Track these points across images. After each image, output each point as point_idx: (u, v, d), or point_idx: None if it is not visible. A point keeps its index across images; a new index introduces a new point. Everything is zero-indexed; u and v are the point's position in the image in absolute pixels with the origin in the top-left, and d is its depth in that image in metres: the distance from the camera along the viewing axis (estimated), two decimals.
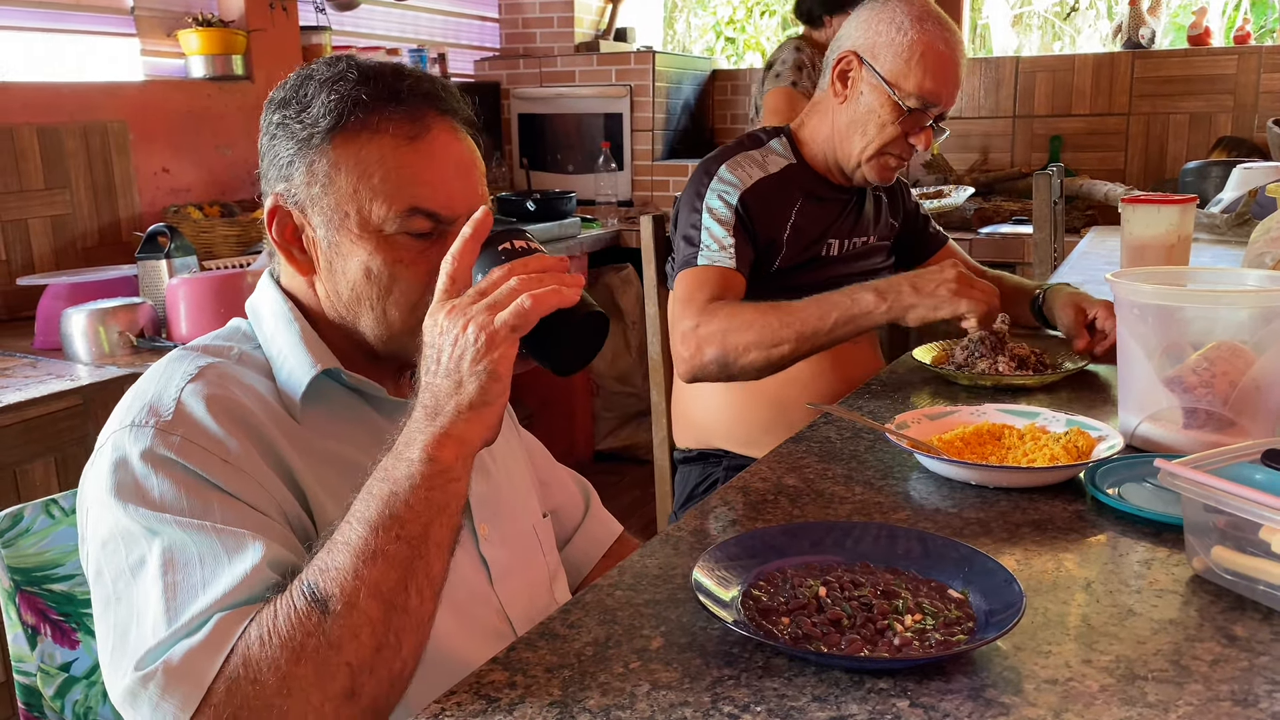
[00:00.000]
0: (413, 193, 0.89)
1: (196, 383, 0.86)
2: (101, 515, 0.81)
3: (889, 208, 1.85)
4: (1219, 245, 2.69)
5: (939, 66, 1.57)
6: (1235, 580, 0.87)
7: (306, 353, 0.92)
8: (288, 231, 0.94)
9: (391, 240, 0.90)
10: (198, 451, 0.82)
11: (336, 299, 0.94)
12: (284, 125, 0.92)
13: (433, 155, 0.91)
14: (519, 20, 4.63)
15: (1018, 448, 1.19)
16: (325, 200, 0.90)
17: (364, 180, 0.89)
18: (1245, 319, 1.16)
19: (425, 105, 0.91)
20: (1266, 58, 3.79)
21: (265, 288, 0.99)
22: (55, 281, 2.28)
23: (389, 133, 0.89)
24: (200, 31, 3.03)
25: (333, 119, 0.89)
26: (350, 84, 0.90)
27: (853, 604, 0.81)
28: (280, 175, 0.92)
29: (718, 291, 1.57)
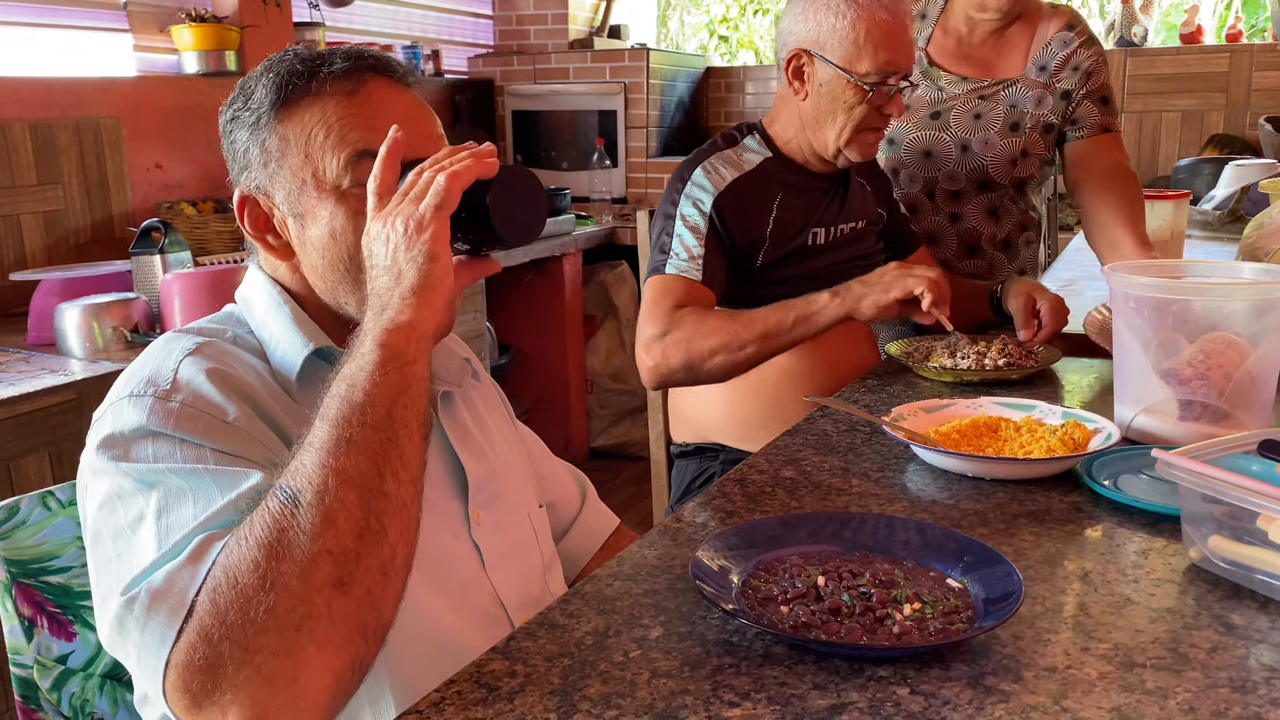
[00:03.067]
0: (355, 137, 0.91)
1: (195, 356, 0.87)
2: (98, 482, 0.81)
3: (874, 195, 1.85)
4: (1211, 241, 2.70)
5: (887, 36, 1.57)
6: (1232, 569, 0.87)
7: (299, 332, 0.93)
8: (260, 221, 0.95)
9: (348, 195, 0.91)
10: (197, 415, 0.82)
11: (315, 273, 0.95)
12: (235, 119, 0.95)
13: (373, 103, 0.93)
14: (513, 17, 4.62)
15: (1014, 440, 1.19)
16: (281, 174, 0.92)
17: (311, 142, 0.91)
18: (1240, 311, 1.17)
19: (361, 65, 0.94)
20: (1258, 56, 3.80)
21: (253, 276, 1.00)
22: (48, 277, 2.28)
23: (327, 92, 0.92)
24: (193, 27, 3.02)
25: (274, 95, 0.92)
26: (286, 62, 0.94)
27: (852, 593, 0.81)
28: (240, 166, 0.95)
29: (682, 300, 1.60)
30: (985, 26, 2.01)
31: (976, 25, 2.02)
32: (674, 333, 1.57)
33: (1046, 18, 2.03)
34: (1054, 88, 1.98)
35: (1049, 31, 2.01)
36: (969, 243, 2.05)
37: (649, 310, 1.61)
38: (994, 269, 2.05)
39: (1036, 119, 1.98)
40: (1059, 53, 1.99)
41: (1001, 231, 2.06)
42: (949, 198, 2.03)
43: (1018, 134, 1.97)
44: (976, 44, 2.03)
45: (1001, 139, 1.97)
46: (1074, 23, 2.02)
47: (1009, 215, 2.05)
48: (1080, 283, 2.20)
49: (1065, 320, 1.65)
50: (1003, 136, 1.98)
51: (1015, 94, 1.98)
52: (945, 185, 2.02)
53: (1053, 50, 1.99)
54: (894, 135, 2.03)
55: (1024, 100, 1.98)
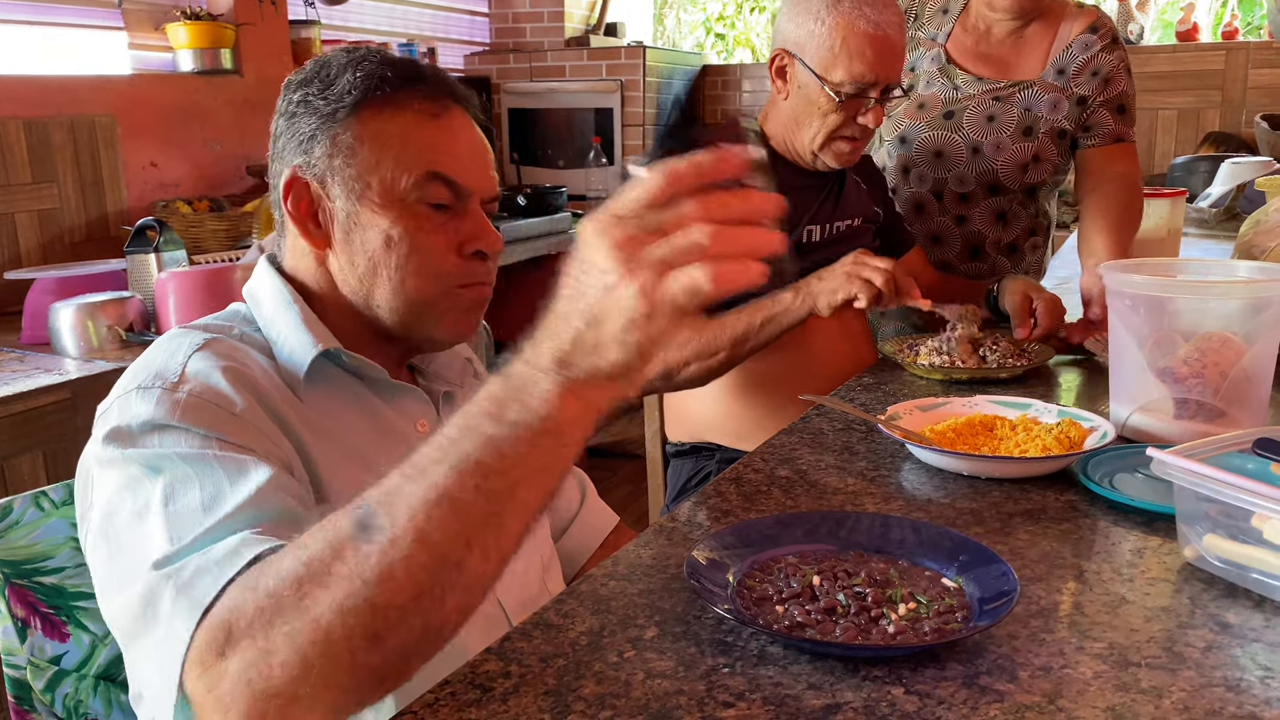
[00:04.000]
0: (433, 159, 0.93)
1: (203, 351, 0.87)
2: (107, 473, 0.80)
3: (870, 194, 1.85)
4: (1208, 239, 2.70)
5: (864, 47, 1.55)
6: (1227, 568, 0.87)
7: (307, 332, 0.93)
8: (303, 205, 0.95)
9: (412, 209, 0.92)
10: (204, 406, 0.82)
11: (351, 272, 0.94)
12: (306, 102, 0.94)
13: (453, 132, 0.95)
14: (509, 15, 4.62)
15: (1010, 438, 1.19)
16: (347, 171, 0.92)
17: (387, 151, 0.92)
18: (1235, 310, 1.17)
19: (444, 91, 0.96)
20: (1254, 54, 3.81)
21: (263, 272, 0.99)
22: (43, 276, 2.27)
23: (412, 109, 0.93)
24: (188, 25, 3.02)
25: (359, 94, 0.92)
26: (374, 64, 0.93)
27: (847, 592, 0.81)
28: (300, 149, 0.94)
29: None
30: (1003, 26, 1.97)
31: (994, 24, 1.99)
32: None
33: (1070, 17, 1.98)
34: (1071, 92, 1.94)
35: (1071, 33, 1.96)
36: (973, 245, 2.04)
37: None
38: (996, 272, 2.04)
39: (1050, 124, 1.94)
40: (1079, 56, 1.94)
41: (1008, 236, 2.04)
42: (957, 200, 2.02)
43: (1030, 139, 1.94)
44: (995, 43, 2.00)
45: (1013, 143, 1.95)
46: (1098, 25, 1.96)
47: (1017, 220, 2.03)
48: (1075, 281, 2.19)
49: (1061, 319, 1.64)
50: (1015, 141, 1.95)
51: (1030, 97, 1.95)
52: (954, 187, 2.00)
53: (1073, 53, 1.95)
54: (907, 133, 2.01)
55: (1039, 104, 1.94)
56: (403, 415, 0.99)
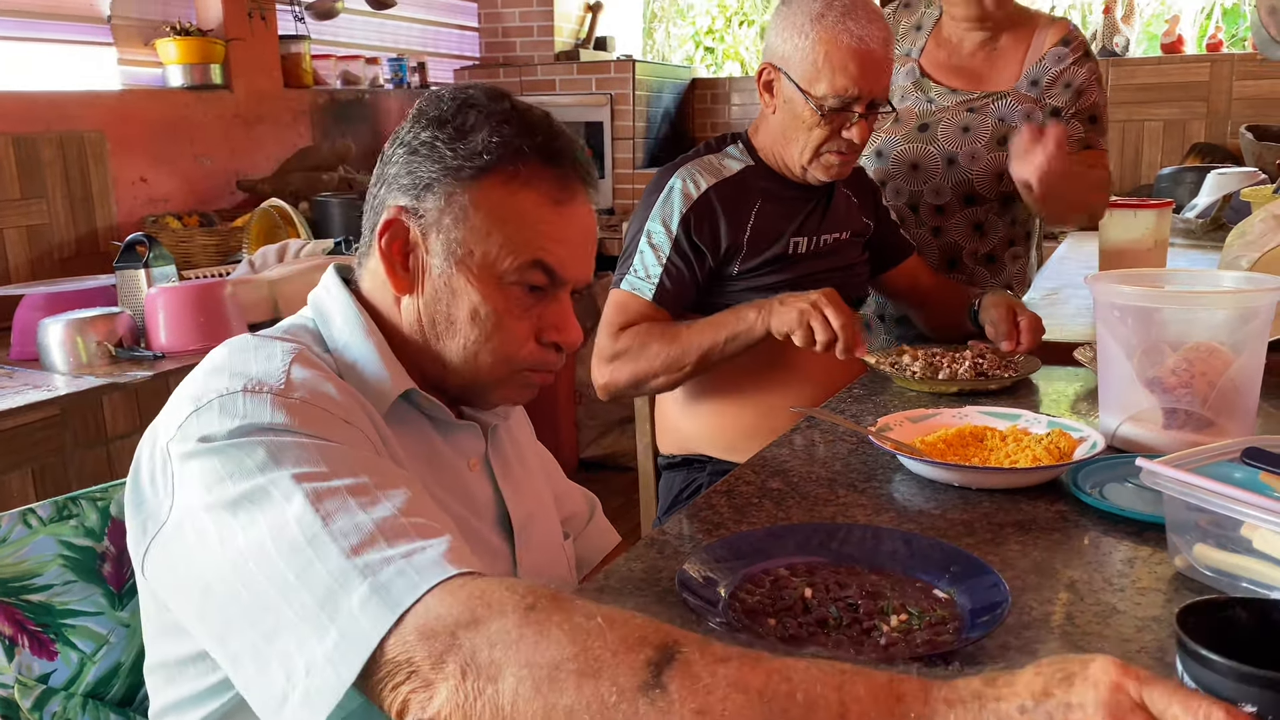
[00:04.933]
0: (544, 247, 0.90)
1: (302, 362, 0.84)
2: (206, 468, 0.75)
3: (861, 206, 1.86)
4: (1194, 249, 2.72)
5: (847, 61, 1.55)
6: (1217, 577, 0.87)
7: (387, 369, 0.90)
8: (397, 246, 0.91)
9: (506, 290, 0.90)
10: (318, 413, 0.79)
11: (428, 325, 0.92)
12: (433, 145, 0.89)
13: (570, 221, 0.92)
14: (499, 29, 4.63)
15: (1000, 449, 1.19)
16: (454, 232, 0.89)
17: (500, 226, 0.89)
18: (1223, 320, 1.17)
19: (574, 172, 0.92)
20: (1238, 65, 3.84)
21: (335, 289, 0.95)
22: (32, 291, 2.26)
23: (539, 190, 0.90)
24: (178, 40, 3.02)
25: (491, 159, 0.88)
26: (513, 130, 0.89)
27: (839, 605, 0.81)
28: (411, 191, 0.90)
29: (632, 319, 1.64)
30: (973, 38, 2.00)
31: (963, 37, 2.01)
32: (620, 353, 1.63)
33: (1044, 28, 2.01)
34: (1044, 104, 1.96)
35: (1045, 44, 1.99)
36: (950, 256, 2.05)
37: (602, 324, 1.67)
38: (974, 283, 2.05)
39: None
40: (1052, 68, 1.97)
41: (985, 246, 2.05)
42: (933, 211, 2.03)
43: (1005, 148, 1.95)
44: (967, 56, 2.02)
45: (988, 153, 1.97)
46: (1070, 37, 1.99)
47: (994, 230, 2.05)
48: (1064, 291, 2.21)
49: (1041, 336, 1.64)
50: (989, 150, 1.97)
51: (1004, 107, 1.97)
52: (930, 199, 2.01)
53: (1046, 65, 1.97)
54: (882, 147, 2.03)
55: (1013, 114, 1.96)
56: (458, 452, 0.98)
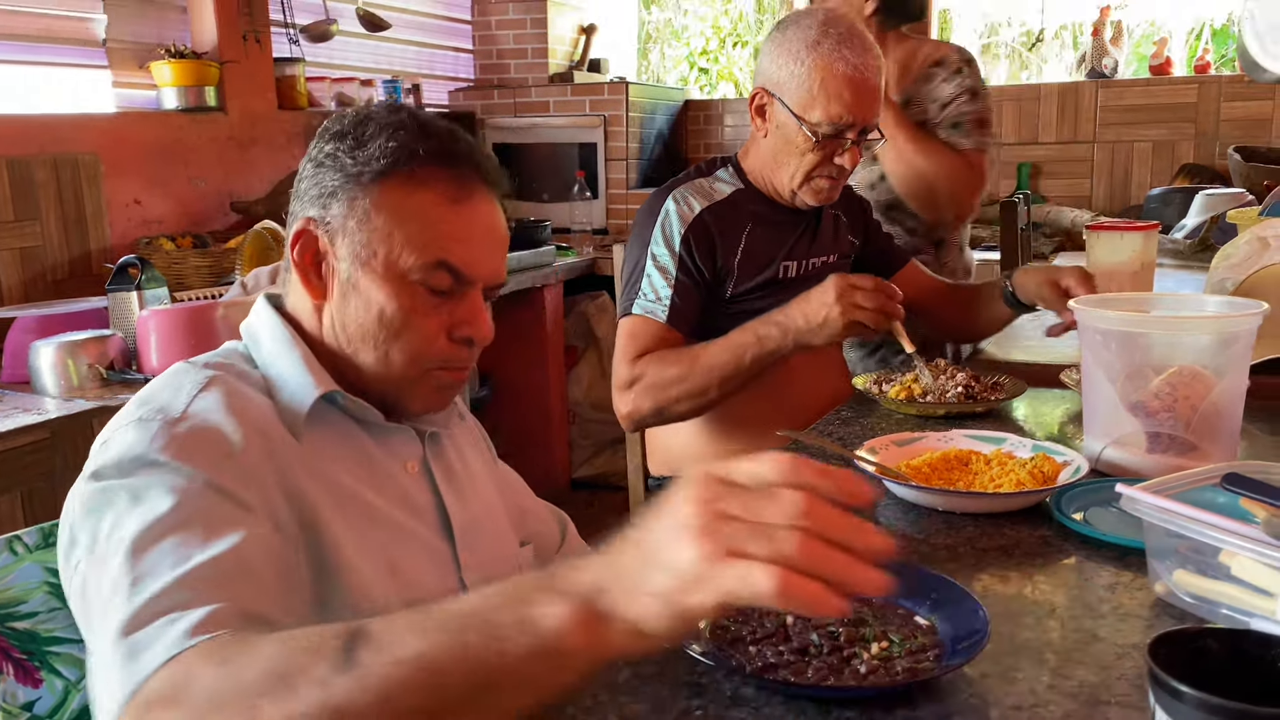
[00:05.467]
0: (444, 247, 0.93)
1: (209, 389, 0.88)
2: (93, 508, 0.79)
3: (849, 226, 1.87)
4: (1182, 270, 2.73)
5: (841, 88, 1.58)
6: (1197, 604, 0.88)
7: (309, 374, 0.93)
8: (308, 256, 0.96)
9: (412, 288, 0.93)
10: (203, 445, 0.82)
11: (341, 330, 0.96)
12: (335, 156, 0.94)
13: (470, 220, 0.95)
14: (493, 51, 4.66)
15: (984, 473, 1.20)
16: (358, 235, 0.93)
17: (400, 226, 0.92)
18: (1206, 344, 1.18)
19: (473, 173, 0.96)
20: (1226, 87, 3.87)
21: (263, 311, 1.00)
22: (24, 314, 2.27)
23: (436, 190, 0.93)
24: (173, 63, 3.03)
25: (387, 162, 0.92)
26: (409, 134, 0.93)
27: (820, 632, 0.82)
28: (318, 201, 0.95)
29: (648, 344, 1.64)
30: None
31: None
32: (640, 381, 1.62)
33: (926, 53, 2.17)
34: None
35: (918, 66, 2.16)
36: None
37: (619, 354, 1.67)
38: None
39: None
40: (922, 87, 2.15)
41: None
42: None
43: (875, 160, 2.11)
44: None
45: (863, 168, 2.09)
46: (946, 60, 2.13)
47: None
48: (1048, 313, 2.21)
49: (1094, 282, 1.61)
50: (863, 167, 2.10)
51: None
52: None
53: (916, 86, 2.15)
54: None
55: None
56: (393, 455, 1.00)
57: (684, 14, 6.93)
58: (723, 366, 1.56)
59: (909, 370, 1.63)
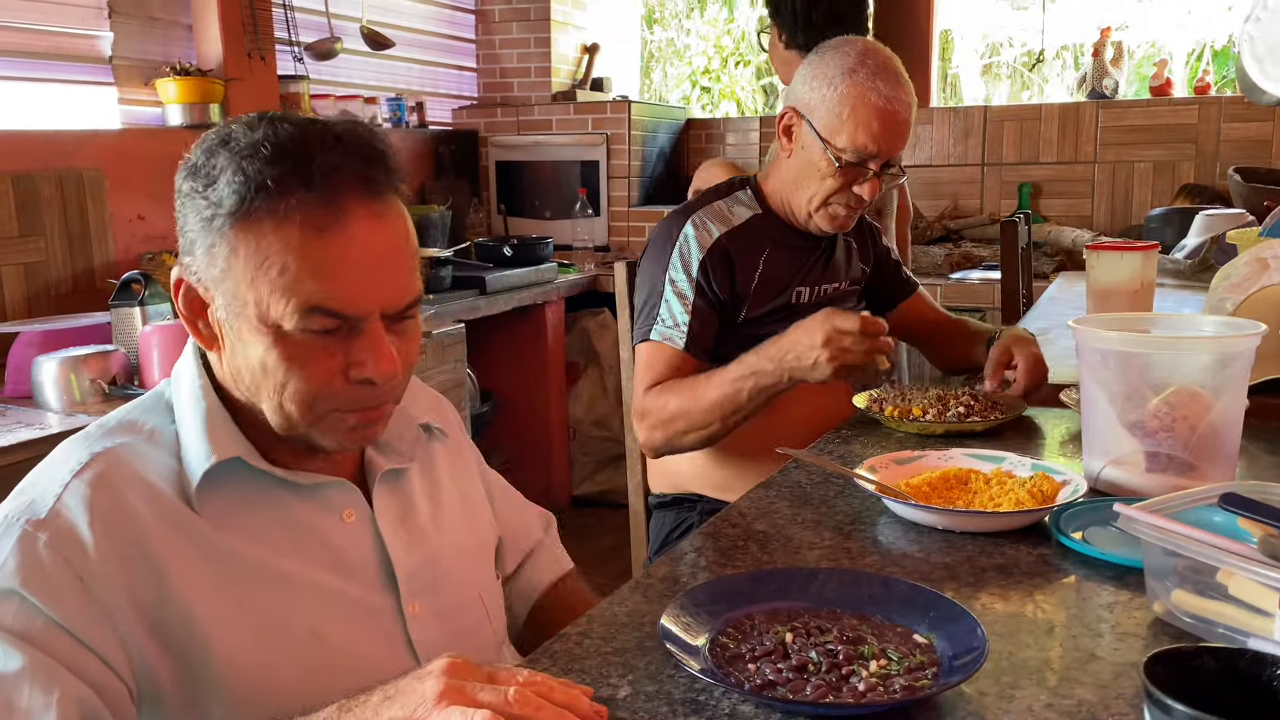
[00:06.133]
0: (313, 289, 0.82)
1: (83, 476, 0.84)
2: None
3: (859, 252, 1.88)
4: (1183, 290, 2.74)
5: (870, 118, 1.58)
6: (1195, 623, 0.88)
7: (206, 441, 0.87)
8: (193, 305, 0.88)
9: (289, 337, 0.83)
10: (54, 567, 0.80)
11: (238, 379, 0.89)
12: (190, 198, 0.85)
13: (344, 248, 0.82)
14: (497, 70, 4.69)
15: (984, 492, 1.20)
16: (225, 284, 0.84)
17: (261, 271, 0.82)
18: (1204, 364, 1.19)
19: (344, 190, 0.82)
20: (1227, 108, 3.89)
21: (187, 357, 0.94)
22: (27, 329, 2.27)
23: (296, 221, 0.81)
24: (178, 80, 3.05)
25: (235, 201, 0.81)
26: (261, 162, 0.81)
27: (819, 650, 0.82)
28: (186, 249, 0.87)
29: (664, 372, 1.64)
30: None
31: None
32: (651, 414, 1.63)
33: None
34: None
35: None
36: None
37: (635, 382, 1.68)
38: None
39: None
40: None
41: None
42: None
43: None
44: None
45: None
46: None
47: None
48: (1053, 332, 2.22)
49: (1041, 379, 1.64)
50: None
51: None
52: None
53: None
54: None
55: None
56: (324, 509, 0.93)
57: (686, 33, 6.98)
58: (722, 403, 1.56)
59: (913, 389, 1.64)
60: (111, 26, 2.99)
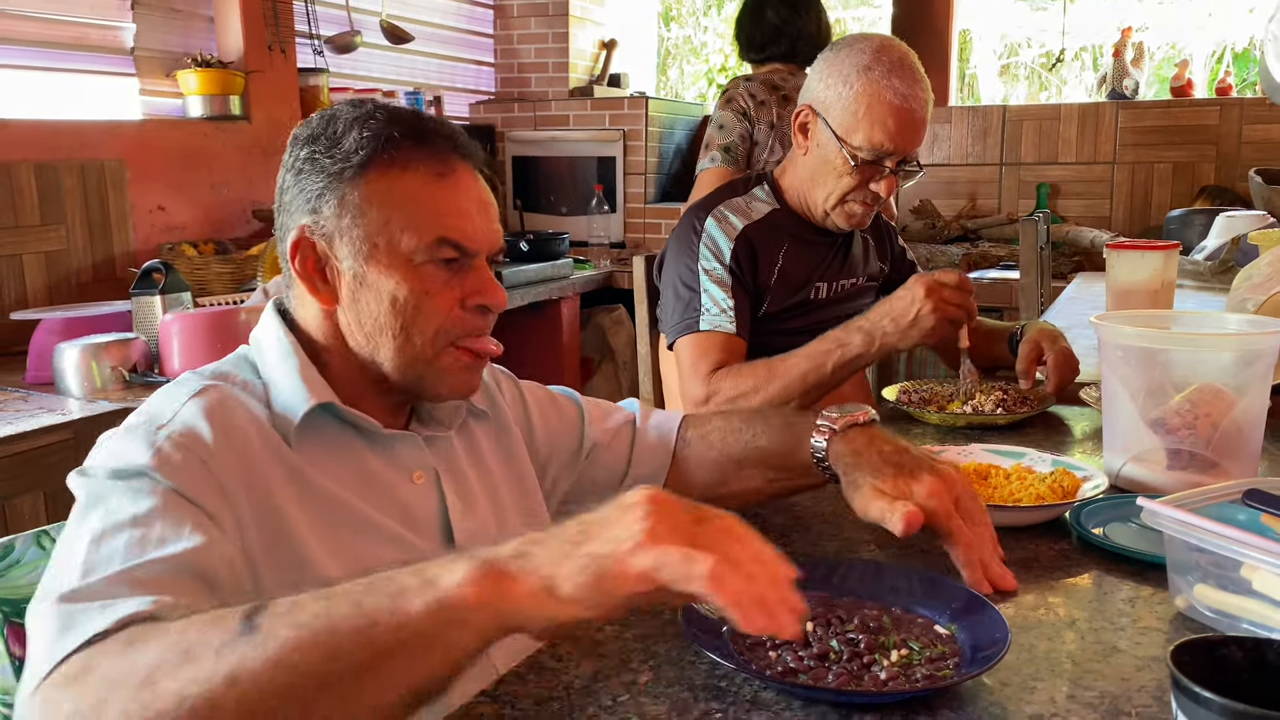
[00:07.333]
0: (442, 224, 0.93)
1: (199, 397, 0.89)
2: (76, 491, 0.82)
3: (876, 250, 1.88)
4: (1203, 291, 2.72)
5: (886, 116, 1.57)
6: (1218, 618, 0.88)
7: (303, 385, 0.94)
8: (310, 263, 0.95)
9: (419, 270, 0.93)
10: (179, 453, 0.83)
11: (358, 329, 0.95)
12: (313, 160, 0.94)
13: (458, 192, 0.96)
14: (514, 65, 4.69)
15: (1004, 487, 1.20)
16: (355, 232, 0.93)
17: (395, 212, 0.93)
18: (1227, 362, 1.18)
19: (448, 147, 0.96)
20: (1248, 109, 3.86)
21: (268, 320, 1.00)
22: (49, 316, 2.29)
23: (418, 169, 0.94)
24: (199, 72, 3.07)
25: (366, 154, 0.92)
26: (380, 123, 0.94)
27: (840, 639, 0.82)
28: (308, 208, 0.95)
29: (721, 358, 1.61)
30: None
31: None
32: (717, 396, 1.58)
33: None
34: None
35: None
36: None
37: (690, 372, 1.63)
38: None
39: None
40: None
41: None
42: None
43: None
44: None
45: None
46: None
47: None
48: (1073, 331, 2.21)
49: (1073, 374, 1.63)
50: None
51: None
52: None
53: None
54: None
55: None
56: (396, 466, 0.99)
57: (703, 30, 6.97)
58: (803, 376, 1.53)
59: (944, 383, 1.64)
60: (134, 18, 3.01)
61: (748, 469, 1.14)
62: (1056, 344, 1.65)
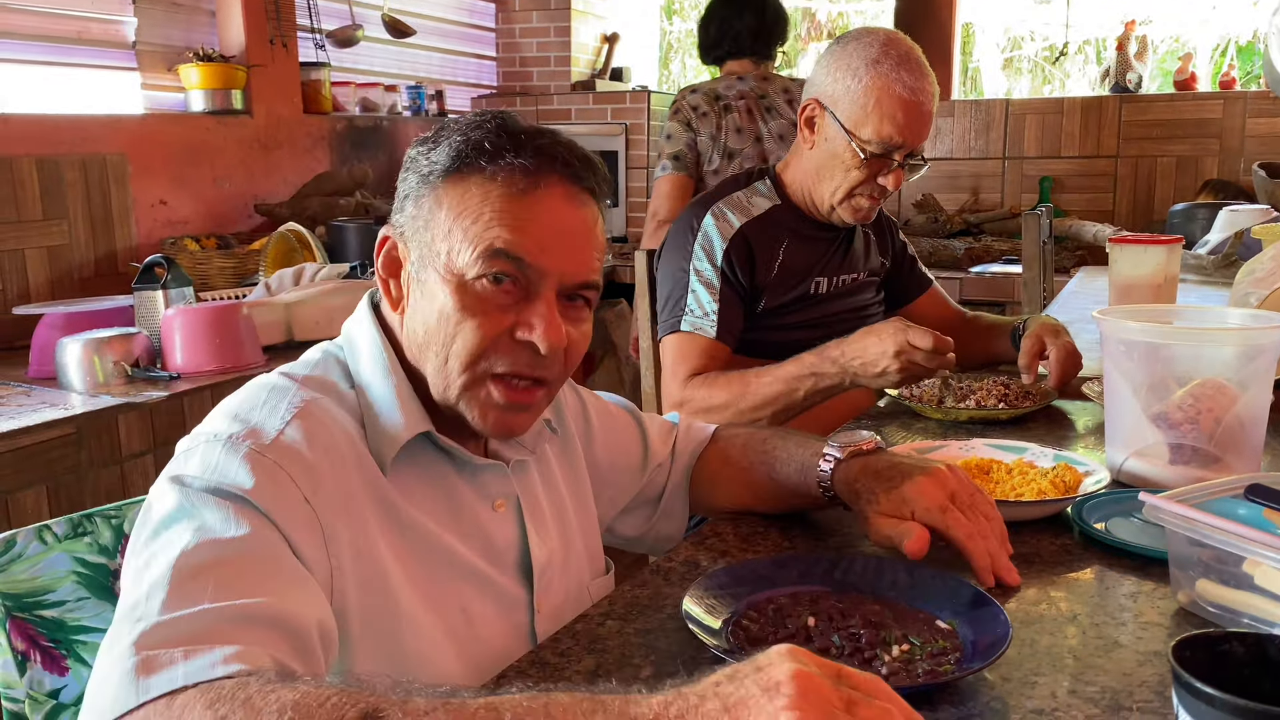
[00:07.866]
0: (498, 235, 0.87)
1: (304, 415, 0.85)
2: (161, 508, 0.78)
3: (878, 245, 1.88)
4: (1206, 285, 2.72)
5: (895, 109, 1.57)
6: (1219, 613, 0.88)
7: (401, 413, 0.90)
8: (390, 264, 0.94)
9: (469, 286, 0.87)
10: (283, 483, 0.80)
11: (412, 339, 0.92)
12: (414, 160, 0.93)
13: (536, 209, 0.88)
14: (516, 59, 4.69)
15: (1006, 482, 1.20)
16: (424, 235, 0.90)
17: (459, 221, 0.88)
18: (1230, 357, 1.18)
19: (549, 167, 0.89)
20: (1252, 103, 3.85)
21: (364, 317, 0.96)
22: (51, 311, 2.29)
23: (500, 181, 0.88)
24: (201, 66, 3.07)
25: (451, 159, 0.89)
26: (483, 132, 0.89)
27: (841, 634, 0.82)
28: (397, 208, 0.94)
29: (700, 364, 1.64)
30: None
31: None
32: (691, 402, 1.61)
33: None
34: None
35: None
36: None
37: (669, 373, 1.67)
38: None
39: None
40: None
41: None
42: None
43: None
44: None
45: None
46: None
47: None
48: (1075, 325, 2.20)
49: (1075, 369, 1.63)
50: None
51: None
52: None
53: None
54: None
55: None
56: (481, 494, 0.96)
57: None
58: (774, 399, 1.56)
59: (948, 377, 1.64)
60: (135, 12, 3.01)
61: (764, 495, 1.15)
62: (1059, 339, 1.65)
